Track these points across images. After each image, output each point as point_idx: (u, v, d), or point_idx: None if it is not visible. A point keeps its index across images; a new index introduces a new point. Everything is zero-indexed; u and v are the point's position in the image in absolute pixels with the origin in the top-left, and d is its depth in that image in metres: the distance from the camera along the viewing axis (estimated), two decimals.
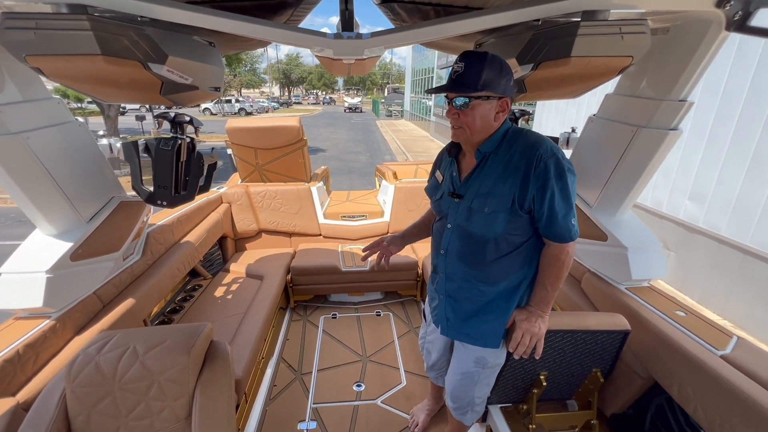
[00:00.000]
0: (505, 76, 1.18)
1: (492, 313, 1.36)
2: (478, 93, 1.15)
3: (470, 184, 1.28)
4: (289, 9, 1.79)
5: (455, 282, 1.39)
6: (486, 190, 1.23)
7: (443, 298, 1.45)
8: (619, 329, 1.48)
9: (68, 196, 1.60)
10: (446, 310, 1.45)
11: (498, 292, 1.33)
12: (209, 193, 3.32)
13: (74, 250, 1.61)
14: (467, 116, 1.18)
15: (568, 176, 1.16)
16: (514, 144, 1.22)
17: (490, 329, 1.37)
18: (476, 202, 1.24)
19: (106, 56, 1.17)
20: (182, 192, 2.03)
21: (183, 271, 2.49)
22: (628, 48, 1.29)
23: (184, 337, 1.15)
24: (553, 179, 1.14)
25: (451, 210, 1.33)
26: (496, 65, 1.16)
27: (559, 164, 1.15)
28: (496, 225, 1.22)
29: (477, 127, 1.20)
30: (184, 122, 1.99)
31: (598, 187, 1.87)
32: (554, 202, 1.16)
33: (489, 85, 1.15)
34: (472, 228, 1.26)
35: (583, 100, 7.42)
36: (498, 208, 1.20)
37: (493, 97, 1.18)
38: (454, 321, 1.43)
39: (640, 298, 1.69)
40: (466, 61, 1.15)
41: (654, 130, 1.57)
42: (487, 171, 1.24)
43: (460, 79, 1.15)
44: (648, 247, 1.76)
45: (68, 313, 1.60)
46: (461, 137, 1.25)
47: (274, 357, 2.56)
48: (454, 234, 1.33)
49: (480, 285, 1.33)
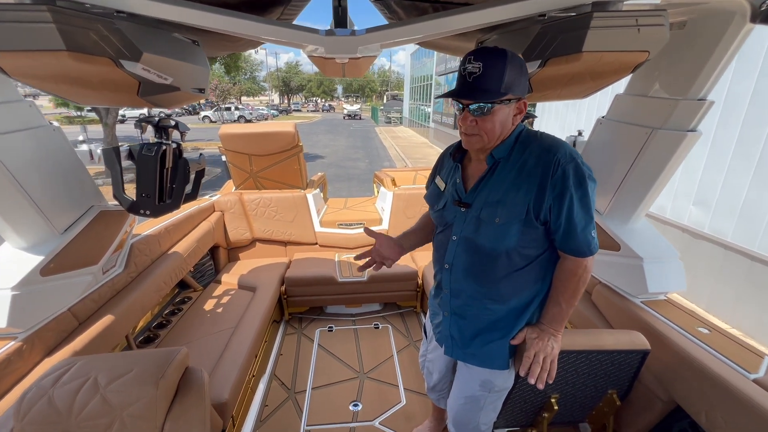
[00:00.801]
0: (525, 74, 1.06)
1: (499, 332, 1.23)
2: (501, 98, 1.01)
3: (479, 192, 1.15)
4: (279, 7, 1.69)
5: (461, 299, 1.26)
6: (496, 199, 1.10)
7: (448, 316, 1.32)
8: (638, 348, 1.35)
9: (39, 205, 1.48)
10: (451, 328, 1.32)
11: (508, 309, 1.21)
12: (200, 201, 3.21)
13: (45, 264, 1.49)
14: (486, 122, 1.05)
15: (589, 184, 1.04)
16: (528, 148, 1.10)
17: (497, 349, 1.25)
18: (486, 212, 1.12)
19: (71, 52, 1.06)
20: (167, 200, 1.92)
21: (170, 283, 2.36)
22: (644, 42, 1.18)
23: (153, 365, 1.02)
24: (573, 187, 1.02)
25: (457, 220, 1.20)
26: (517, 64, 1.03)
27: (579, 170, 1.03)
28: (508, 237, 1.09)
29: (497, 133, 1.07)
30: (169, 127, 1.88)
31: (609, 194, 1.75)
32: (573, 212, 1.04)
33: (511, 87, 1.02)
34: (481, 240, 1.14)
35: (583, 105, 7.35)
36: (510, 219, 1.08)
37: (514, 99, 1.05)
38: (460, 340, 1.31)
39: (658, 313, 1.57)
40: (484, 61, 1.00)
41: (671, 132, 1.46)
42: (498, 178, 1.12)
43: (479, 83, 1.00)
44: (665, 257, 1.64)
45: (37, 333, 1.47)
46: (477, 145, 1.11)
47: (266, 374, 2.42)
48: (460, 247, 1.21)
49: (489, 303, 1.21)
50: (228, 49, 2.04)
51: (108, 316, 1.76)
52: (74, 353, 1.54)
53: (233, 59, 15.16)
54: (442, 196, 1.28)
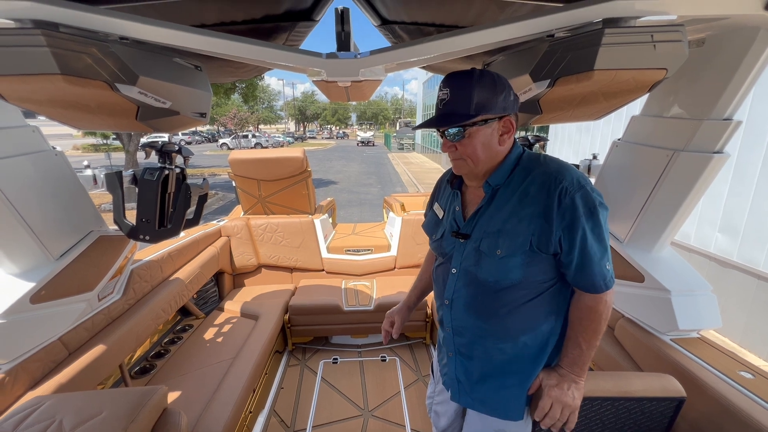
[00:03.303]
0: (502, 91, 1.00)
1: (513, 376, 1.10)
2: (473, 120, 0.97)
3: (477, 222, 1.06)
4: (283, 33, 1.70)
5: (465, 337, 1.14)
6: (496, 228, 1.01)
7: (453, 356, 1.19)
8: (672, 396, 1.19)
9: (34, 230, 1.45)
10: (456, 370, 1.19)
11: (519, 349, 1.08)
12: (207, 226, 3.18)
13: (36, 291, 1.44)
14: (466, 147, 1.00)
15: (600, 212, 0.95)
16: (531, 174, 1.02)
17: (511, 396, 1.11)
18: (486, 243, 1.02)
19: (65, 75, 1.04)
20: (167, 226, 1.88)
21: (169, 311, 2.29)
22: (661, 59, 1.11)
23: (126, 406, 0.93)
24: (583, 217, 0.93)
25: (456, 252, 1.10)
26: (487, 81, 0.98)
27: (589, 198, 0.94)
28: (512, 271, 1.00)
29: (480, 156, 1.01)
30: (173, 151, 1.86)
31: (629, 220, 1.63)
32: (586, 244, 0.95)
33: (483, 107, 0.97)
34: (483, 274, 1.04)
35: (597, 129, 7.26)
36: (513, 251, 0.98)
37: (492, 119, 0.99)
38: (467, 384, 1.17)
39: (692, 354, 1.41)
40: (451, 86, 0.98)
41: (695, 154, 1.36)
42: (498, 205, 1.04)
43: (449, 108, 0.98)
44: (695, 290, 1.50)
45: (23, 365, 1.41)
46: (464, 170, 1.06)
47: (265, 410, 2.28)
48: (460, 281, 1.10)
49: (496, 341, 1.09)
50: (232, 75, 2.06)
51: (100, 345, 1.69)
52: (60, 386, 1.46)
53: (251, 89, 15.74)
54: (440, 225, 1.19)
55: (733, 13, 1.08)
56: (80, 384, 1.53)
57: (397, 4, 1.57)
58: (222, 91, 13.55)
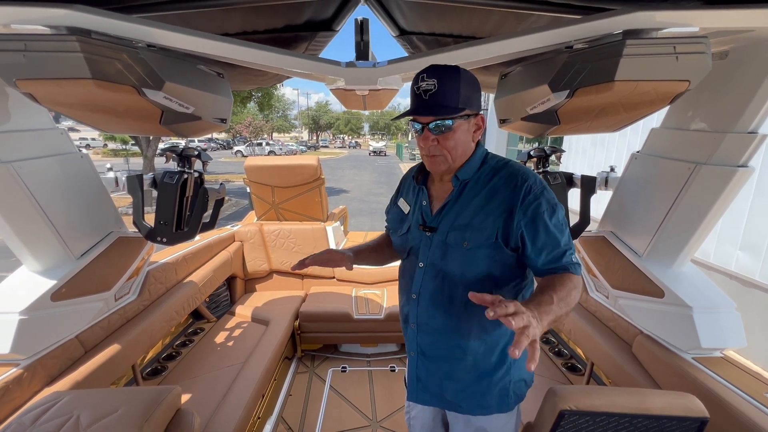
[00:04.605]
0: (479, 89, 1.04)
1: (477, 376, 1.12)
2: (460, 114, 0.98)
3: (444, 215, 1.08)
4: (304, 43, 1.74)
5: (429, 334, 1.15)
6: (464, 222, 1.04)
7: (414, 356, 1.19)
8: (694, 416, 1.14)
9: (58, 229, 1.49)
10: (418, 369, 1.19)
11: (481, 348, 1.10)
12: (221, 231, 3.23)
13: (57, 288, 1.47)
14: (449, 140, 1.01)
15: (559, 210, 1.02)
16: (499, 172, 1.06)
17: (476, 393, 1.13)
18: (453, 236, 1.05)
19: (97, 80, 1.08)
20: (184, 229, 1.92)
21: (182, 313, 2.31)
22: (684, 71, 1.10)
23: (141, 405, 0.94)
24: (546, 213, 0.99)
25: (422, 246, 1.12)
26: (471, 78, 1.01)
27: (551, 197, 1.01)
28: (477, 262, 1.03)
29: (459, 151, 1.04)
30: (192, 156, 1.91)
31: (648, 234, 1.60)
32: (555, 239, 0.98)
33: (467, 102, 0.99)
34: (449, 267, 1.06)
35: (612, 142, 7.17)
36: (479, 244, 1.02)
37: (472, 115, 1.02)
38: (426, 382, 1.18)
39: (715, 373, 1.36)
40: (439, 77, 0.96)
41: (718, 167, 1.33)
42: (466, 200, 1.06)
43: (437, 99, 0.97)
44: (719, 307, 1.45)
45: (41, 361, 1.43)
46: (442, 166, 1.05)
47: (273, 416, 2.27)
48: (427, 274, 1.11)
49: (459, 339, 1.10)
50: (253, 83, 2.11)
51: (115, 345, 1.71)
52: (75, 383, 1.48)
53: (266, 98, 16.04)
54: (405, 220, 1.20)
55: (759, 25, 1.07)
56: (95, 382, 1.55)
57: (415, 15, 1.59)
58: (238, 99, 13.83)
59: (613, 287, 1.77)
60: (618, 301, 1.76)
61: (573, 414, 1.11)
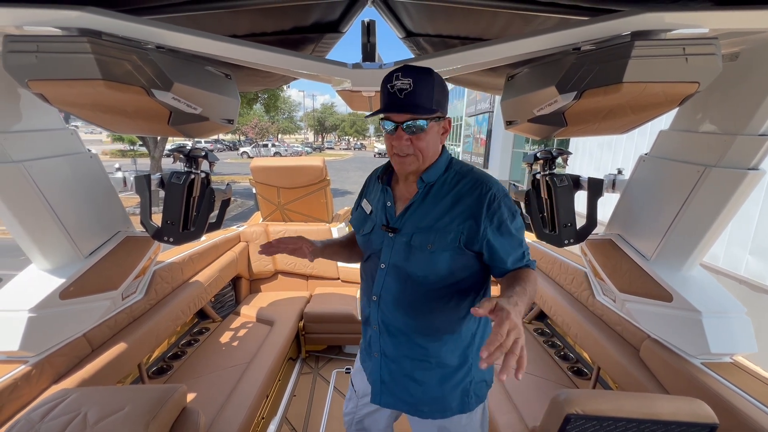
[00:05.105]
0: (447, 93, 1.06)
1: (439, 376, 1.13)
2: (433, 115, 0.99)
3: (409, 217, 1.09)
4: (311, 44, 1.75)
5: (392, 335, 1.14)
6: (429, 225, 1.05)
7: (377, 357, 1.19)
8: (703, 421, 1.13)
9: (67, 228, 1.51)
10: (381, 371, 1.18)
11: (443, 348, 1.11)
12: (226, 231, 3.24)
13: (65, 287, 1.49)
14: (421, 140, 1.01)
15: (518, 214, 1.08)
16: (465, 177, 1.09)
17: (439, 395, 1.14)
18: (417, 238, 1.06)
19: (106, 81, 1.10)
20: (191, 228, 1.93)
21: (188, 313, 2.33)
22: (693, 72, 1.09)
23: (148, 403, 0.95)
24: (508, 220, 1.03)
25: (385, 246, 1.12)
26: (442, 81, 1.02)
27: (511, 204, 1.06)
28: (439, 264, 1.05)
29: (429, 152, 1.04)
30: (199, 157, 1.92)
31: (656, 237, 1.58)
32: (518, 242, 1.05)
33: (439, 104, 1.00)
34: (412, 269, 1.07)
35: (619, 145, 7.13)
36: (443, 247, 1.04)
37: (442, 117, 1.04)
38: (390, 384, 1.17)
39: (725, 379, 1.34)
40: (414, 77, 0.96)
41: (728, 170, 1.32)
42: (431, 203, 1.07)
43: (413, 99, 0.96)
44: (729, 312, 1.43)
45: (49, 358, 1.45)
46: (412, 166, 1.05)
47: (277, 416, 2.28)
48: (389, 276, 1.11)
49: (421, 339, 1.11)
50: (260, 84, 2.12)
51: (121, 343, 1.73)
52: (82, 381, 1.49)
53: (272, 100, 16.14)
54: (368, 220, 1.19)
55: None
56: (101, 380, 1.56)
57: (422, 17, 1.60)
58: (245, 101, 13.95)
59: (620, 291, 1.75)
60: (625, 304, 1.74)
61: (579, 418, 1.10)
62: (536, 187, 2.03)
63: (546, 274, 2.60)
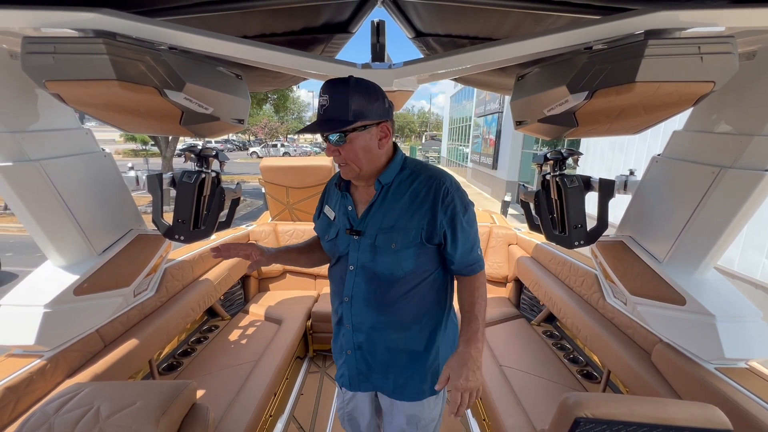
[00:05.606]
0: (376, 99, 1.05)
1: (410, 363, 1.21)
2: (352, 126, 1.01)
3: (370, 218, 1.14)
4: (320, 45, 1.76)
5: (364, 332, 1.21)
6: (390, 225, 1.11)
7: (351, 353, 1.25)
8: (717, 428, 1.10)
9: (82, 226, 1.54)
10: (358, 364, 1.25)
11: (413, 337, 1.20)
12: (236, 230, 3.28)
13: (79, 283, 1.52)
14: (348, 151, 1.06)
15: (470, 208, 1.15)
16: (419, 175, 1.14)
17: (411, 381, 1.22)
18: (381, 239, 1.11)
19: (121, 81, 1.12)
20: (201, 227, 1.95)
21: (198, 310, 2.36)
22: (709, 72, 1.06)
23: (159, 398, 0.96)
24: (460, 213, 1.10)
25: (351, 249, 1.17)
26: (362, 90, 1.03)
27: (464, 197, 1.13)
28: (405, 262, 1.11)
29: (362, 160, 1.08)
30: (210, 156, 1.95)
31: (669, 239, 1.56)
32: (466, 234, 1.12)
33: (360, 114, 1.01)
34: (379, 268, 1.13)
35: (632, 146, 7.02)
36: (406, 244, 1.10)
37: (370, 125, 1.05)
38: (368, 373, 1.25)
39: (739, 385, 1.31)
40: (330, 93, 1.02)
41: (744, 172, 1.29)
42: (390, 203, 1.13)
43: (329, 114, 1.02)
44: (744, 316, 1.40)
45: (63, 353, 1.48)
46: (350, 174, 1.12)
47: (285, 415, 2.29)
48: (358, 277, 1.17)
49: (392, 332, 1.19)
50: (270, 85, 2.14)
51: (133, 339, 1.76)
52: (95, 376, 1.52)
53: (282, 101, 16.26)
54: (332, 225, 1.23)
55: None
56: (113, 375, 1.59)
57: (432, 17, 1.59)
58: (255, 101, 14.09)
59: (631, 293, 1.73)
60: (637, 307, 1.72)
61: (589, 422, 1.09)
62: (546, 187, 2.01)
63: (555, 275, 2.57)
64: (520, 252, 3.06)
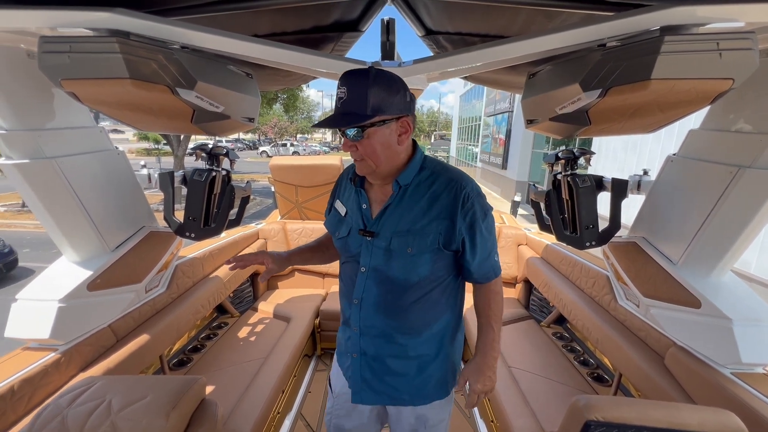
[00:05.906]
0: (398, 92, 0.99)
1: (418, 368, 1.17)
2: (370, 121, 0.96)
3: (386, 220, 1.09)
4: (330, 43, 1.76)
5: (372, 336, 1.15)
6: (407, 228, 1.06)
7: (357, 357, 1.19)
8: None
9: (95, 222, 1.57)
10: (362, 370, 1.19)
11: (422, 343, 1.15)
12: (245, 228, 3.31)
13: (93, 278, 1.55)
14: (366, 147, 1.00)
15: (489, 214, 1.11)
16: (439, 177, 1.09)
17: (419, 384, 1.18)
18: (396, 242, 1.06)
19: (134, 80, 1.13)
20: (211, 225, 1.97)
21: (208, 307, 2.38)
22: (727, 68, 1.04)
23: (169, 393, 0.98)
24: (480, 219, 1.07)
25: (364, 250, 1.11)
26: (383, 82, 0.97)
27: (485, 203, 1.09)
28: (421, 267, 1.07)
29: (380, 156, 1.02)
30: (221, 154, 1.96)
31: (684, 241, 1.52)
32: (486, 242, 1.10)
33: (380, 108, 0.96)
34: (393, 272, 1.08)
35: (645, 146, 6.90)
36: (423, 249, 1.06)
37: (390, 119, 0.99)
38: (373, 381, 1.19)
39: (756, 390, 1.27)
40: (348, 85, 0.96)
41: (763, 171, 1.25)
42: (407, 205, 1.08)
43: (346, 107, 0.96)
44: (762, 320, 1.36)
45: (77, 347, 1.51)
46: (366, 170, 1.07)
47: (292, 412, 2.31)
48: (370, 279, 1.12)
49: (401, 337, 1.13)
50: (280, 83, 2.15)
51: (145, 335, 1.78)
52: (107, 370, 1.55)
53: (291, 100, 16.37)
54: (344, 222, 1.18)
55: None
56: (125, 370, 1.62)
57: (442, 15, 1.58)
58: (265, 100, 14.21)
59: (644, 295, 1.70)
60: (650, 310, 1.68)
61: (600, 425, 1.07)
62: (557, 187, 1.98)
63: (565, 276, 2.54)
64: (529, 252, 3.03)
